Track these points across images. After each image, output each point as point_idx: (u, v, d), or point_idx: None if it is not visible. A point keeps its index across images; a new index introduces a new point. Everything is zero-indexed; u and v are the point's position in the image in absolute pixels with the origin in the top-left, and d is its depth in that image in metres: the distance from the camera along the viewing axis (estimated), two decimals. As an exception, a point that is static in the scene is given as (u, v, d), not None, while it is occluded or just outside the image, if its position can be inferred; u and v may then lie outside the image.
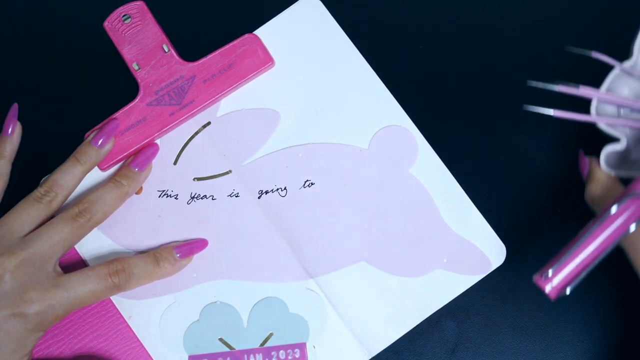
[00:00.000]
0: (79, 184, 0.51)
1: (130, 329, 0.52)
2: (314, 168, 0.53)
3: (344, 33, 0.54)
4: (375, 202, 0.52)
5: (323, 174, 0.53)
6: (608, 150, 0.47)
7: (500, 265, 0.51)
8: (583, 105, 0.48)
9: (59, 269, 0.48)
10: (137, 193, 0.53)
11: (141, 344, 0.52)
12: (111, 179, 0.51)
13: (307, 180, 0.53)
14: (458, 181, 0.52)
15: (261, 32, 0.54)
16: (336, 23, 0.54)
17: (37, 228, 0.48)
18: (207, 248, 0.52)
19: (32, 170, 0.54)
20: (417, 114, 0.53)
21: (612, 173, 0.47)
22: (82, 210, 0.49)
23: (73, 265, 0.52)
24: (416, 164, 0.53)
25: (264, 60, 0.53)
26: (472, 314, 0.52)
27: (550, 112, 0.47)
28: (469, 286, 0.51)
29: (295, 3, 0.54)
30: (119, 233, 0.53)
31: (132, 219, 0.53)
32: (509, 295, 0.52)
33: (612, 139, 0.48)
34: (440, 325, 0.52)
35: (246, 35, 0.53)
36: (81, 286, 0.47)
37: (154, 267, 0.50)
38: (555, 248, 0.52)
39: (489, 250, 0.52)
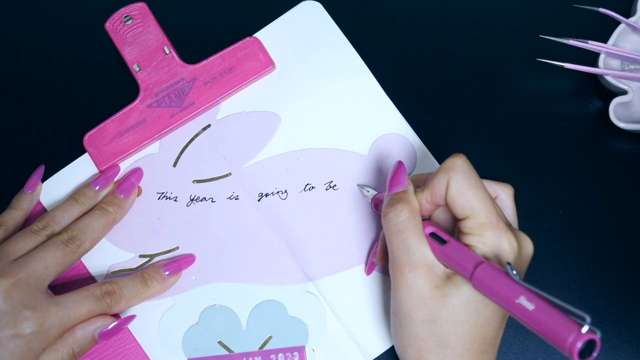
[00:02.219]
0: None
1: (129, 331, 0.51)
2: (314, 172, 0.53)
3: (345, 37, 0.54)
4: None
5: (324, 179, 0.53)
6: (617, 102, 0.51)
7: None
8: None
9: (50, 291, 0.48)
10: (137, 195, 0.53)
11: (140, 346, 0.51)
12: (97, 205, 0.51)
13: (308, 184, 0.53)
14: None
15: (262, 35, 0.54)
16: (337, 27, 0.54)
17: None
18: (206, 250, 0.52)
19: (32, 171, 0.53)
20: (417, 119, 0.53)
21: (621, 125, 0.51)
22: (71, 237, 0.49)
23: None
24: (415, 171, 0.53)
25: (265, 63, 0.53)
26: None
27: (562, 64, 0.50)
28: (467, 289, 0.51)
29: (296, 6, 0.55)
30: (118, 235, 0.52)
31: (131, 221, 0.53)
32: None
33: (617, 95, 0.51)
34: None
35: (247, 39, 0.53)
36: (79, 306, 0.47)
37: (142, 288, 0.50)
38: (553, 249, 0.52)
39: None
